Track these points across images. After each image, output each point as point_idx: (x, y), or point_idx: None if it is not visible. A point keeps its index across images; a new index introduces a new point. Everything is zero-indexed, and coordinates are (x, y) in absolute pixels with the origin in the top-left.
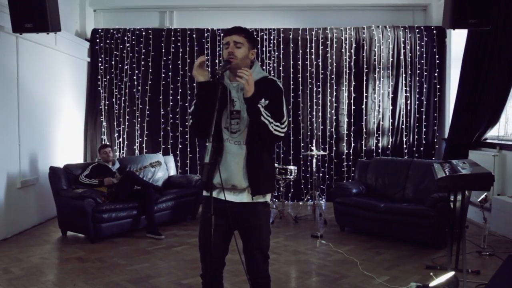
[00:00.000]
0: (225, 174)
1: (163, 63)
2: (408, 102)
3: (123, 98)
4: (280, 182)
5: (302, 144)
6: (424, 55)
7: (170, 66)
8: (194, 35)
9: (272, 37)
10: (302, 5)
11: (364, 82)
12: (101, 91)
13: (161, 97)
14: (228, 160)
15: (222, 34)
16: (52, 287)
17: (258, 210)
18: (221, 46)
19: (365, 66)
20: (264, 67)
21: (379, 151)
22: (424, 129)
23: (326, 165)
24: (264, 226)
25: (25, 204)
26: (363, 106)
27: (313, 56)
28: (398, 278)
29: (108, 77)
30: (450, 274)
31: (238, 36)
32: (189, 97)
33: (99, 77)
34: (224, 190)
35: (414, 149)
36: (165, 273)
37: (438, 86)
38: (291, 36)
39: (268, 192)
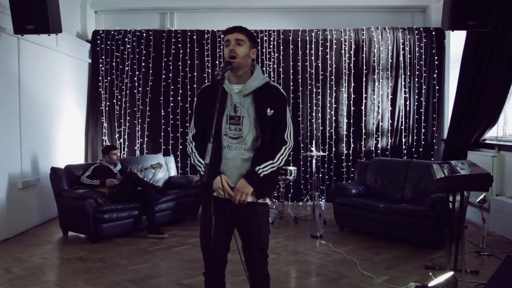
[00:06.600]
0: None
1: (163, 64)
2: (407, 103)
3: (124, 99)
4: (280, 182)
5: (302, 145)
6: (423, 57)
7: (171, 67)
8: (194, 37)
9: (272, 39)
10: (301, 7)
11: (364, 83)
12: (102, 92)
13: (161, 98)
14: (230, 166)
15: (222, 36)
16: (53, 287)
17: (258, 210)
18: (222, 47)
19: (364, 67)
20: (264, 69)
21: (379, 151)
22: (423, 130)
23: (326, 165)
24: (263, 225)
25: (26, 204)
26: (363, 107)
27: (312, 58)
28: (397, 278)
29: (109, 78)
30: (449, 274)
31: (239, 34)
32: (189, 98)
33: (100, 78)
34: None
35: (413, 149)
36: (166, 273)
37: (437, 87)
38: (291, 38)
39: (270, 197)
